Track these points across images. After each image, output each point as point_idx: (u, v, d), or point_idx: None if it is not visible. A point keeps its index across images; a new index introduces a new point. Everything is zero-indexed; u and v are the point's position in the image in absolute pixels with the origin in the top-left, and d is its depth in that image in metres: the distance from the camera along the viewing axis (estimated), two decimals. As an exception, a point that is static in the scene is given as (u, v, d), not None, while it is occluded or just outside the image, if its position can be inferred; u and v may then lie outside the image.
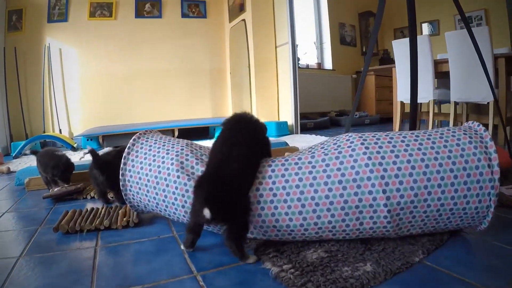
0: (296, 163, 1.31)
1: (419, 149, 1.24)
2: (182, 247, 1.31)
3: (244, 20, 5.98)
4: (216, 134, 5.09)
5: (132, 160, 1.55)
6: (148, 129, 4.14)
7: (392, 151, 1.24)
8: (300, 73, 6.81)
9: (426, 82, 4.61)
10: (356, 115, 7.05)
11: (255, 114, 5.75)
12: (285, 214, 1.23)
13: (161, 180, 1.43)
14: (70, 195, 2.24)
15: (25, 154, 4.83)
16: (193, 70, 6.82)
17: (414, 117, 3.47)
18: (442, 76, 4.93)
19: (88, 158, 2.15)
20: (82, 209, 1.76)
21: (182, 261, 1.23)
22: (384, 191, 1.18)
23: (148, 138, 1.64)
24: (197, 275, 1.12)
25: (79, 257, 1.30)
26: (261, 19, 5.87)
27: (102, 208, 1.77)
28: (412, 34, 3.30)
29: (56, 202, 2.16)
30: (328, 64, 8.02)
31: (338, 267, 1.10)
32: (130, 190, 1.56)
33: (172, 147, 1.53)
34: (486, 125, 4.03)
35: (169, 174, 1.42)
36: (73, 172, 2.34)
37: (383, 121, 7.45)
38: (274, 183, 1.27)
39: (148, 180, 1.48)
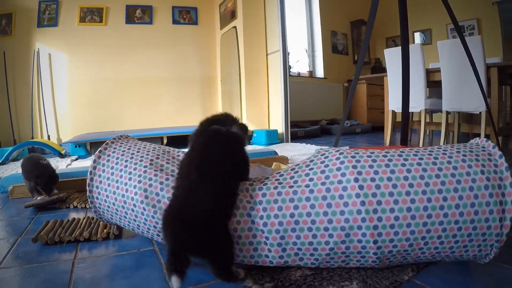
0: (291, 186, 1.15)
1: (423, 192, 1.05)
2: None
3: (235, 27, 5.94)
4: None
5: (99, 176, 1.44)
6: (135, 136, 4.07)
7: (391, 194, 1.06)
8: (291, 81, 6.77)
9: (417, 91, 4.58)
10: (347, 123, 7.01)
11: (245, 122, 5.75)
12: (277, 245, 1.10)
13: (128, 205, 1.35)
14: (53, 204, 2.19)
15: (13, 160, 4.76)
16: (183, 77, 6.79)
17: (405, 126, 3.44)
18: (434, 85, 4.92)
19: (75, 165, 2.11)
20: (63, 219, 1.70)
21: (161, 277, 1.17)
22: (375, 242, 1.05)
23: (114, 148, 1.50)
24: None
25: (56, 270, 1.26)
26: (253, 26, 5.83)
27: (84, 219, 1.70)
28: (404, 43, 3.27)
29: (38, 211, 2.10)
30: (319, 72, 7.99)
31: (323, 285, 1.03)
32: (99, 207, 1.47)
33: (135, 166, 1.38)
34: (478, 135, 4.02)
35: (134, 205, 1.31)
36: (58, 180, 2.29)
37: (375, 130, 7.41)
38: (265, 209, 1.12)
39: (116, 199, 1.39)
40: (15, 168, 3.91)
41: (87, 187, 1.44)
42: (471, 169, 1.05)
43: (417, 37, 7.89)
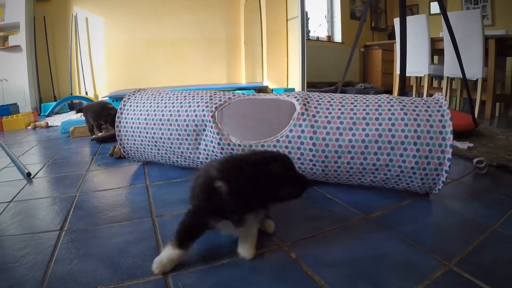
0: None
1: (363, 129, 1.44)
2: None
3: (258, -6, 6.20)
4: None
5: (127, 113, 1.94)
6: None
7: (337, 128, 1.48)
8: (310, 44, 7.07)
9: (422, 58, 4.94)
10: (361, 86, 7.33)
11: (265, 81, 6.14)
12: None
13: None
14: (112, 137, 2.85)
15: (56, 113, 5.26)
16: (209, 39, 7.05)
17: (403, 88, 3.85)
18: (439, 53, 5.27)
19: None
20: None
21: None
22: (323, 162, 1.50)
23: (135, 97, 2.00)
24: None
25: (131, 169, 2.01)
26: (274, -7, 6.05)
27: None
28: (402, 14, 3.64)
29: (101, 143, 2.84)
30: (337, 37, 8.22)
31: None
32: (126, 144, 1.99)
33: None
34: (482, 101, 4.39)
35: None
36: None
37: (388, 93, 7.67)
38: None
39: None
40: (62, 119, 4.44)
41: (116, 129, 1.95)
42: (417, 108, 1.45)
43: (434, 7, 8.08)
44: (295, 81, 6.08)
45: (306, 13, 7.32)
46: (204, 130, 1.66)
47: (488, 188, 1.69)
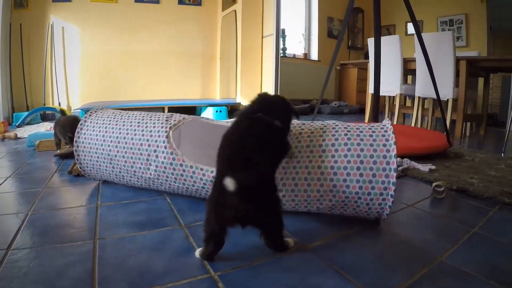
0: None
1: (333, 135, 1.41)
2: (197, 255, 1.16)
3: (235, 11, 6.18)
4: (202, 113, 5.37)
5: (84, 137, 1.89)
6: (137, 106, 4.45)
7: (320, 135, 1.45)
8: (286, 62, 7.07)
9: (394, 78, 4.91)
10: (335, 104, 7.31)
11: (238, 97, 6.08)
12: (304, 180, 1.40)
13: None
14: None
15: (27, 124, 5.06)
16: (186, 54, 6.98)
17: (376, 107, 3.80)
18: (412, 73, 5.26)
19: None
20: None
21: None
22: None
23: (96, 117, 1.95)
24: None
25: (87, 187, 1.97)
26: (251, 10, 6.07)
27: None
28: (376, 35, 3.61)
29: (64, 159, 2.71)
30: (314, 55, 8.22)
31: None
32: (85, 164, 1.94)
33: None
34: (452, 120, 4.37)
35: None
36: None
37: (362, 111, 7.69)
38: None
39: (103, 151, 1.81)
40: (31, 130, 4.25)
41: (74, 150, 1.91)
42: (361, 133, 1.39)
43: (410, 28, 8.09)
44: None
45: (283, 30, 7.32)
46: (155, 151, 1.65)
47: (444, 214, 1.63)
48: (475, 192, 1.89)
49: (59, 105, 6.10)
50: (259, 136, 1.18)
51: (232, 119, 1.38)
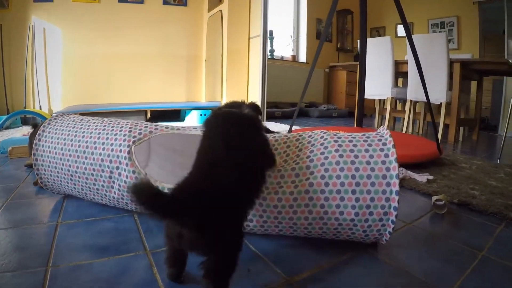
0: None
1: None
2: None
3: (221, 11, 6.00)
4: (186, 116, 5.19)
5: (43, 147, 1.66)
6: (119, 109, 4.26)
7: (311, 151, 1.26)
8: (274, 64, 6.92)
9: (385, 81, 4.75)
10: (324, 107, 7.16)
11: (224, 100, 5.92)
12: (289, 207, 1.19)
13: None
14: None
15: (7, 128, 4.88)
16: (170, 56, 6.82)
17: (361, 110, 3.66)
18: (404, 76, 5.11)
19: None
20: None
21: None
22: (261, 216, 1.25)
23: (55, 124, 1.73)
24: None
25: (48, 201, 1.77)
26: (237, 11, 5.90)
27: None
28: (362, 38, 3.47)
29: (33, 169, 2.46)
30: (302, 57, 8.08)
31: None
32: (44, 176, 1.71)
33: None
34: (445, 125, 4.22)
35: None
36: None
37: (352, 115, 7.56)
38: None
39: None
40: (10, 134, 4.09)
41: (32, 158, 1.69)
42: (356, 147, 1.19)
43: (400, 30, 7.97)
44: (256, 101, 5.73)
45: (271, 32, 7.16)
46: (117, 168, 1.44)
47: (447, 233, 1.45)
48: (478, 207, 1.73)
49: (40, 108, 5.90)
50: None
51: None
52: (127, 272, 1.08)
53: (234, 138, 1.03)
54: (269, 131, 1.38)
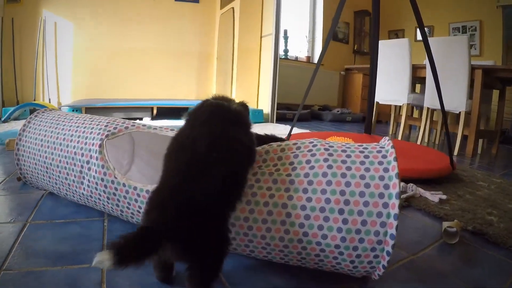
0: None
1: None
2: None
3: (233, 8, 5.86)
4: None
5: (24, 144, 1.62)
6: (126, 105, 4.15)
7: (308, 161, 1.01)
8: (288, 64, 6.75)
9: (401, 85, 4.50)
10: (338, 111, 6.93)
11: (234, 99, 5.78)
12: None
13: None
14: None
15: (15, 119, 4.88)
16: (181, 52, 6.74)
17: (370, 117, 3.44)
18: (422, 82, 4.84)
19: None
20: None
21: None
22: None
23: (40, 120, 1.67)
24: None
25: (31, 196, 1.74)
26: (250, 8, 5.77)
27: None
28: (374, 39, 3.25)
29: None
30: (317, 59, 7.80)
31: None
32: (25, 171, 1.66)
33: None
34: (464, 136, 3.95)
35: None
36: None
37: (364, 120, 7.32)
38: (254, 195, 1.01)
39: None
40: (15, 126, 4.09)
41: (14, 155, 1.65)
42: (349, 158, 0.99)
43: (419, 33, 7.69)
44: (266, 102, 5.71)
45: (286, 31, 6.97)
46: (88, 162, 1.35)
47: (456, 270, 1.20)
48: (495, 237, 1.45)
49: (49, 101, 5.90)
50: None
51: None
52: (73, 286, 0.99)
53: (221, 134, 0.92)
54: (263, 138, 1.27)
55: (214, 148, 0.87)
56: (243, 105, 1.15)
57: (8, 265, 1.08)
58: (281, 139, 1.26)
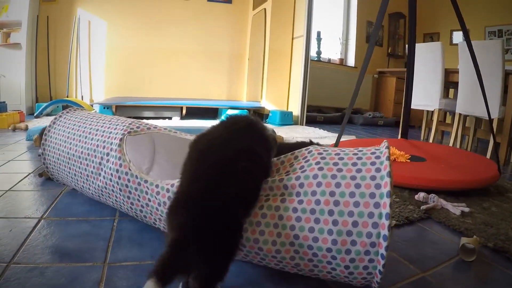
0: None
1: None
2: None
3: (265, 9, 5.86)
4: (222, 115, 5.09)
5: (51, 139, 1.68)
6: (156, 103, 4.19)
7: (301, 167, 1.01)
8: (320, 66, 6.68)
9: (433, 90, 4.38)
10: (369, 114, 6.81)
11: (264, 102, 5.75)
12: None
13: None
14: None
15: (47, 115, 5.04)
16: (213, 52, 6.77)
17: (406, 121, 3.34)
18: (454, 86, 4.69)
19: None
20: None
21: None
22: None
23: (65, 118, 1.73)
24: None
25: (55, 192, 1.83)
26: (282, 9, 5.75)
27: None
28: (411, 43, 3.15)
29: None
30: (350, 61, 7.75)
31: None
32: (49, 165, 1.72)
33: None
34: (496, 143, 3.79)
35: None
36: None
37: (398, 124, 7.15)
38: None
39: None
40: (47, 122, 4.21)
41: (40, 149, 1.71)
42: (342, 160, 0.97)
43: (456, 37, 7.49)
44: (296, 104, 5.69)
45: (319, 33, 6.90)
46: (107, 154, 1.41)
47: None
48: None
49: (82, 98, 6.06)
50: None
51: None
52: (73, 284, 1.00)
53: (249, 147, 0.95)
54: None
55: (241, 157, 0.89)
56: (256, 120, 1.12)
57: (17, 259, 1.12)
58: (308, 144, 1.27)
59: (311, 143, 1.29)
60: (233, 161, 0.89)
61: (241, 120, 1.04)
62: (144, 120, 1.67)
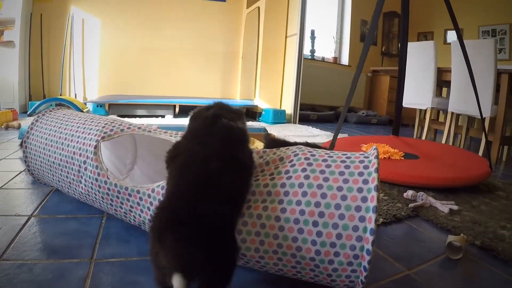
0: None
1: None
2: None
3: (258, 7, 5.84)
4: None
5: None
6: (149, 102, 4.18)
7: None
8: (314, 65, 6.69)
9: (426, 89, 4.39)
10: (363, 113, 6.82)
11: (257, 100, 5.74)
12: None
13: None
14: None
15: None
16: (207, 51, 6.75)
17: (398, 119, 3.35)
18: (447, 85, 4.71)
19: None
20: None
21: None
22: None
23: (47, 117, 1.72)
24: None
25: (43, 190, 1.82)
26: (275, 8, 5.73)
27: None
28: (403, 42, 3.17)
29: None
30: (344, 60, 7.77)
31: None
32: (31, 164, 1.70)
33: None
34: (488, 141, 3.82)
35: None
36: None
37: (392, 123, 7.18)
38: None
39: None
40: None
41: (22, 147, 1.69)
42: (329, 168, 0.94)
43: (450, 36, 7.51)
44: (289, 102, 5.67)
45: (313, 31, 6.90)
46: (85, 162, 1.39)
47: (455, 289, 1.09)
48: (504, 254, 1.33)
49: (75, 96, 6.00)
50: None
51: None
52: (60, 280, 1.03)
53: (231, 156, 0.93)
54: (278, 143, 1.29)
55: (224, 169, 0.87)
56: (239, 114, 1.12)
57: (6, 256, 1.13)
58: (294, 144, 1.24)
59: (307, 144, 1.27)
60: (205, 169, 0.87)
61: (216, 132, 0.99)
62: (122, 118, 1.65)
